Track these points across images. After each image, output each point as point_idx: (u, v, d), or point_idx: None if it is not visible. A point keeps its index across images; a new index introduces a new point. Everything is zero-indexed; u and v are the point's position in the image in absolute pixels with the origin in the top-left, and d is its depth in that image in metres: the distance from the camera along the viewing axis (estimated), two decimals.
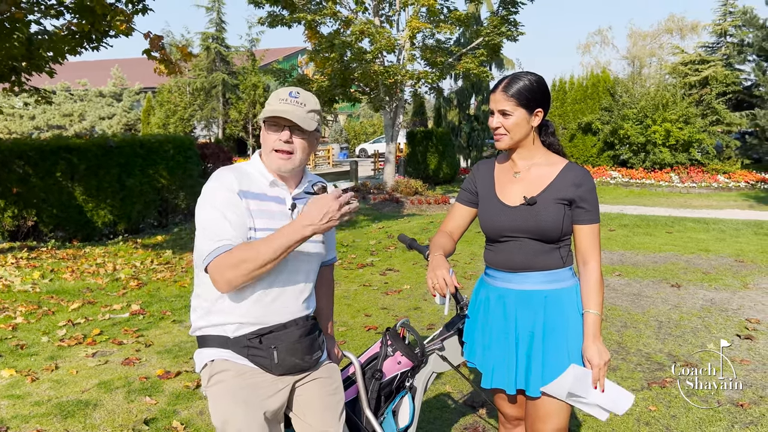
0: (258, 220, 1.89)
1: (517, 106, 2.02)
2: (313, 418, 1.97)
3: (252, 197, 1.90)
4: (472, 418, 3.42)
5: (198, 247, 1.86)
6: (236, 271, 1.76)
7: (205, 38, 26.76)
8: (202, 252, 1.83)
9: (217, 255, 1.79)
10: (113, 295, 6.04)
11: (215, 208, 1.84)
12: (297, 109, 1.90)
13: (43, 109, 27.52)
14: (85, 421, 3.38)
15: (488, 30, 14.53)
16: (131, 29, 8.02)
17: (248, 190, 1.90)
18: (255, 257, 1.75)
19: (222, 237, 1.80)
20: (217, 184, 1.88)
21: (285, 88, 1.95)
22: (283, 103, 1.90)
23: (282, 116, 1.87)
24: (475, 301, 2.25)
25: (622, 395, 2.03)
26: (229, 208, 1.84)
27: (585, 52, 35.38)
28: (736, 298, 5.86)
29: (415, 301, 5.79)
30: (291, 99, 1.91)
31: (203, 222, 1.85)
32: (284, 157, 1.92)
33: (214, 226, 1.82)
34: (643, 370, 4.09)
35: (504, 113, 2.03)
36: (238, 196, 1.86)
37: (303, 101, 1.93)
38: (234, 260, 1.76)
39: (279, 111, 1.87)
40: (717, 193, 16.31)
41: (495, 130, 2.07)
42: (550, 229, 2.02)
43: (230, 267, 1.76)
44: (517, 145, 2.09)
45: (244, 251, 1.77)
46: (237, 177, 1.91)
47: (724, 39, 21.53)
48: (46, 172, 8.84)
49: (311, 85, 14.56)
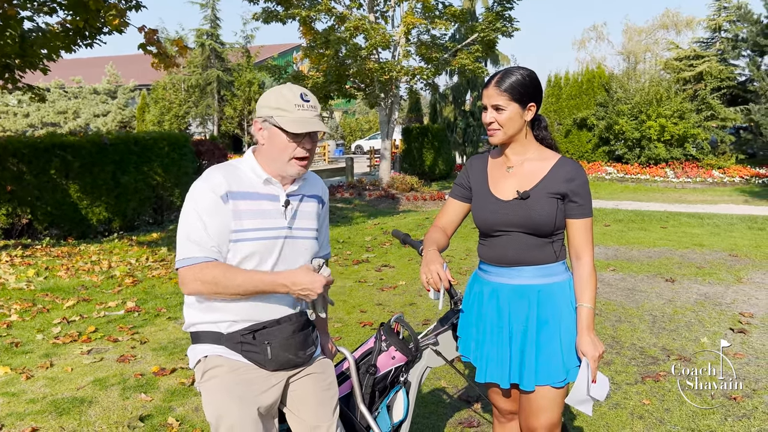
0: (247, 221, 1.89)
1: (510, 100, 2.02)
2: (307, 414, 1.97)
3: (242, 197, 1.89)
4: (466, 413, 3.43)
5: (177, 246, 1.90)
6: (204, 287, 1.83)
7: (200, 35, 26.65)
8: (178, 252, 1.88)
9: (191, 264, 1.84)
10: (108, 293, 6.03)
11: (197, 213, 1.86)
12: (315, 115, 1.90)
13: (37, 106, 27.36)
14: (80, 418, 3.38)
15: (483, 26, 14.51)
16: (125, 24, 7.96)
17: (238, 190, 1.89)
18: (226, 286, 1.82)
19: (200, 244, 1.84)
20: (204, 185, 1.88)
21: (292, 90, 1.91)
22: (301, 110, 1.88)
23: (313, 130, 1.87)
24: (469, 295, 2.25)
25: (603, 381, 2.05)
26: (211, 215, 1.85)
27: (580, 48, 35.33)
28: (730, 292, 5.89)
29: (411, 297, 5.79)
30: (306, 104, 1.89)
31: (184, 224, 1.88)
32: (304, 164, 1.94)
33: (193, 232, 1.86)
34: (637, 364, 4.11)
35: (497, 108, 2.03)
36: (222, 199, 1.86)
37: (314, 104, 1.92)
38: (206, 277, 1.82)
39: (308, 123, 1.87)
40: (712, 188, 16.37)
41: (488, 126, 2.07)
42: (543, 224, 2.03)
43: (200, 281, 1.83)
44: (510, 139, 2.09)
45: (220, 275, 1.82)
46: (227, 177, 1.90)
47: (719, 34, 21.54)
48: (40, 169, 8.81)
49: (306, 82, 14.53)
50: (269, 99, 1.90)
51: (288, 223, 1.96)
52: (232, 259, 1.89)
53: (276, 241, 1.93)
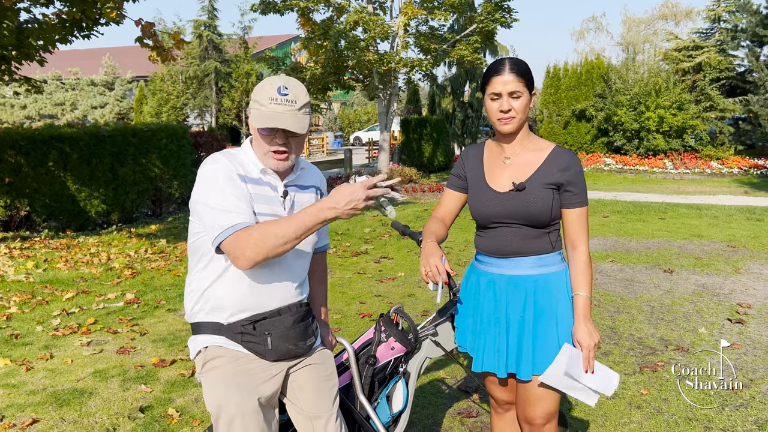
0: (257, 204, 1.88)
1: (525, 87, 2.01)
2: (307, 404, 1.98)
3: (249, 182, 1.89)
4: (465, 403, 3.44)
5: (209, 224, 1.81)
6: (258, 247, 1.74)
7: (197, 26, 26.49)
8: (215, 227, 1.78)
9: (234, 231, 1.76)
10: (107, 285, 6.04)
11: (220, 188, 1.81)
12: (290, 111, 1.83)
13: (34, 98, 27.29)
14: (80, 409, 3.40)
15: (482, 16, 14.45)
16: (122, 16, 7.93)
17: (245, 174, 1.90)
18: (277, 234, 1.74)
19: (238, 212, 1.78)
20: (216, 166, 1.86)
21: (272, 83, 1.86)
22: (273, 104, 1.83)
23: (276, 126, 1.82)
24: (466, 286, 2.26)
25: (610, 375, 2.05)
26: (235, 189, 1.82)
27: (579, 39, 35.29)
28: (728, 282, 5.90)
29: (410, 288, 5.81)
30: (282, 98, 1.83)
31: (210, 201, 1.80)
32: (281, 158, 1.89)
33: (225, 203, 1.78)
34: (635, 354, 4.13)
35: (514, 95, 2.01)
36: (238, 177, 1.86)
37: (293, 98, 1.84)
38: (254, 237, 1.74)
39: (274, 119, 1.81)
40: (710, 179, 16.37)
41: (506, 113, 2.01)
42: (539, 214, 2.03)
43: (251, 244, 1.74)
44: (520, 128, 2.08)
45: (266, 228, 1.75)
46: (232, 162, 1.89)
47: (718, 25, 21.49)
48: (38, 161, 8.79)
49: (304, 73, 14.47)
50: (255, 90, 1.90)
51: (287, 213, 1.96)
52: None
53: None
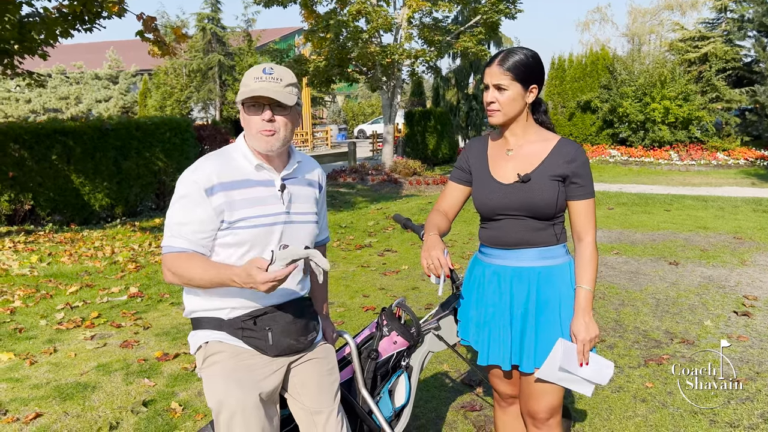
0: (242, 210, 1.87)
1: (513, 80, 1.97)
2: (308, 399, 1.97)
3: (235, 187, 1.88)
4: (469, 397, 3.43)
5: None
6: (175, 277, 1.86)
7: (201, 19, 26.42)
8: (164, 235, 1.91)
9: (168, 252, 1.87)
10: (111, 278, 6.04)
11: (179, 203, 1.88)
12: (274, 86, 1.85)
13: (38, 92, 27.32)
14: (84, 403, 3.40)
15: (486, 8, 14.36)
16: (124, 10, 7.91)
17: (231, 180, 1.88)
18: (192, 276, 1.82)
19: (176, 235, 1.86)
20: (191, 177, 1.87)
21: (258, 66, 1.90)
22: (258, 82, 1.85)
23: (261, 95, 1.82)
24: (470, 278, 2.24)
25: (604, 365, 2.03)
26: (192, 207, 1.85)
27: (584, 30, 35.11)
28: (734, 275, 5.86)
29: (413, 282, 5.79)
30: (266, 76, 1.86)
31: (170, 210, 1.90)
32: (269, 133, 1.88)
33: (171, 221, 1.88)
34: (640, 347, 4.10)
35: (499, 87, 1.99)
36: (206, 192, 1.84)
37: (279, 76, 1.87)
38: (176, 266, 1.84)
39: (257, 90, 1.83)
40: (716, 171, 16.27)
41: (488, 105, 2.02)
42: (544, 206, 2.00)
43: (171, 272, 1.85)
44: (510, 121, 2.05)
45: (188, 264, 1.83)
46: (218, 168, 1.88)
47: (724, 15, 21.27)
48: (42, 155, 8.79)
49: (308, 66, 14.43)
50: (243, 76, 1.92)
51: (286, 207, 1.94)
52: (233, 248, 1.88)
53: (274, 227, 1.91)
